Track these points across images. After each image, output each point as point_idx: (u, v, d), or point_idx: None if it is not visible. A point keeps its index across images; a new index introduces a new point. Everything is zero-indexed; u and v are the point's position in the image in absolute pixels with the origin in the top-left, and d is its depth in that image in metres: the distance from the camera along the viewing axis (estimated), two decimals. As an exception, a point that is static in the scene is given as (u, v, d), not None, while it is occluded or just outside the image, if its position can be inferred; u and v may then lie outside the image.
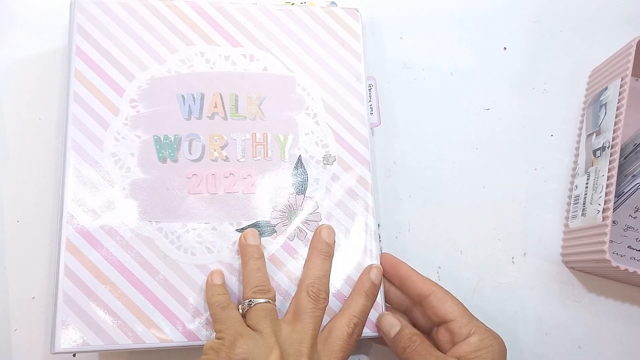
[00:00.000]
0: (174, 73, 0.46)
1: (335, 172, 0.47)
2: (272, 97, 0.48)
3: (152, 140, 0.45)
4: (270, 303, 0.40)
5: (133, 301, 0.42)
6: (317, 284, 0.42)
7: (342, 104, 0.48)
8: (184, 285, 0.43)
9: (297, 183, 0.46)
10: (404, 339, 0.42)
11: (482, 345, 0.40)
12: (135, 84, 0.46)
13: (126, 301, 0.42)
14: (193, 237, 0.44)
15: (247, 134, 0.46)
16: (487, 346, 0.40)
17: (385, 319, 0.43)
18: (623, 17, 0.57)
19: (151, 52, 0.46)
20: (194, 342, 0.42)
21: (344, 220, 0.46)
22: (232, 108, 0.47)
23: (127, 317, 0.42)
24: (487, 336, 0.41)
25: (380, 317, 0.44)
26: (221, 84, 0.47)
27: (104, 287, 0.42)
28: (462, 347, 0.41)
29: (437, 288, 0.43)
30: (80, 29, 0.46)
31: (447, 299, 0.43)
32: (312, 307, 0.41)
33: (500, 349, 0.41)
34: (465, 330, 0.41)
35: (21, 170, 0.47)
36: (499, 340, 0.41)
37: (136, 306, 0.42)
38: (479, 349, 0.40)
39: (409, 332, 0.42)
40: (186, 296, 0.43)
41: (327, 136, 0.47)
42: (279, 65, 0.48)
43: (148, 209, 0.44)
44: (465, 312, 0.42)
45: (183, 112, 0.46)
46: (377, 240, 0.46)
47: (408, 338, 0.41)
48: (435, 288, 0.43)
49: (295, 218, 0.45)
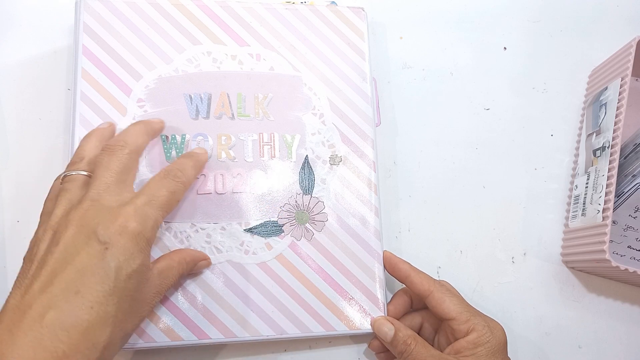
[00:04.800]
0: (181, 72, 0.46)
1: (341, 172, 0.47)
2: (279, 97, 0.48)
3: (159, 140, 0.45)
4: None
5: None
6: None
7: (348, 104, 0.48)
8: (194, 284, 0.43)
9: (304, 183, 0.46)
10: (399, 343, 0.42)
11: (480, 342, 0.41)
12: (142, 84, 0.46)
13: None
14: (202, 237, 0.44)
15: (255, 134, 0.46)
16: (484, 342, 0.41)
17: (377, 324, 0.44)
18: (623, 17, 0.57)
19: (158, 51, 0.46)
20: (204, 341, 0.42)
21: (350, 220, 0.46)
22: (240, 108, 0.47)
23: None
24: (485, 332, 0.41)
25: (374, 323, 0.44)
26: (228, 83, 0.47)
27: None
28: (460, 343, 0.41)
29: (435, 287, 0.43)
30: (86, 28, 0.46)
31: (445, 299, 0.43)
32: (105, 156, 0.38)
33: (498, 343, 0.41)
34: (464, 328, 0.42)
35: (21, 170, 0.47)
36: (496, 334, 0.42)
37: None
38: (477, 346, 0.41)
39: (403, 335, 0.42)
40: (195, 295, 0.43)
41: (334, 136, 0.48)
42: (286, 65, 0.48)
43: None
44: (465, 309, 0.42)
45: (190, 111, 0.46)
46: (381, 240, 0.46)
47: (403, 342, 0.42)
48: (434, 288, 0.43)
49: (303, 218, 0.46)
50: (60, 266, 0.33)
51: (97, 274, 0.33)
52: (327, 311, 0.44)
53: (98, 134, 0.41)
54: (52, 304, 0.32)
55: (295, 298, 0.44)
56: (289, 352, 0.46)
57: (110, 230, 0.34)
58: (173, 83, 0.46)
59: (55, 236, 0.35)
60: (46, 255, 0.34)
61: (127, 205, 0.36)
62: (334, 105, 0.48)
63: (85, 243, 0.34)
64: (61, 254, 0.33)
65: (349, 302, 0.45)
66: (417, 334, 0.43)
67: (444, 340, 0.44)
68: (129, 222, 0.35)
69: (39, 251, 0.35)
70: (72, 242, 0.34)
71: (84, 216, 0.35)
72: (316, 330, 0.44)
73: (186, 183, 0.40)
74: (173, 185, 0.39)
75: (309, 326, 0.44)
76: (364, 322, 0.45)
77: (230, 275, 0.44)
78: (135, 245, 0.34)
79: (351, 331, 0.44)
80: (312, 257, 0.45)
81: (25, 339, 0.30)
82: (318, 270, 0.45)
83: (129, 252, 0.34)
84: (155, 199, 0.37)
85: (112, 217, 0.35)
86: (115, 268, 0.33)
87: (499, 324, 0.43)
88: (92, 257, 0.33)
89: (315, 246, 0.45)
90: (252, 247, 0.44)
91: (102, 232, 0.34)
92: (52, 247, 0.34)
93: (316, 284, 0.44)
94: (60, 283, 0.32)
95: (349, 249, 0.46)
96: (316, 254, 0.45)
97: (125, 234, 0.34)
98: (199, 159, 0.43)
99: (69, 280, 0.32)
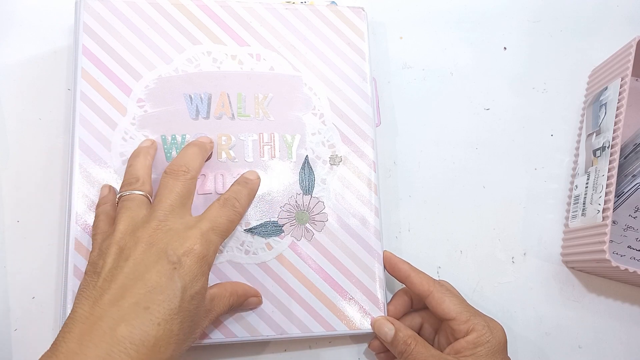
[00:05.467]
0: (181, 72, 0.46)
1: (341, 172, 0.47)
2: (279, 97, 0.47)
3: (160, 140, 0.45)
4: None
5: None
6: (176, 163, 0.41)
7: (348, 104, 0.48)
8: None
9: (304, 183, 0.46)
10: (399, 343, 0.42)
11: (480, 342, 0.41)
12: (142, 84, 0.46)
13: None
14: None
15: (255, 134, 0.46)
16: (484, 342, 0.41)
17: (378, 324, 0.44)
18: (623, 17, 0.57)
19: (158, 51, 0.46)
20: (205, 341, 0.42)
21: (350, 220, 0.46)
22: (240, 108, 0.47)
23: None
24: (485, 332, 0.41)
25: (374, 323, 0.44)
26: (228, 83, 0.47)
27: None
28: (460, 343, 0.41)
29: (435, 288, 0.43)
30: (86, 28, 0.45)
31: (445, 299, 0.42)
32: (170, 180, 0.40)
33: (498, 343, 0.41)
34: (464, 328, 0.42)
35: (21, 170, 0.47)
36: (496, 334, 0.42)
37: None
38: (477, 346, 0.41)
39: (403, 335, 0.42)
40: None
41: (334, 136, 0.48)
42: (286, 65, 0.48)
43: None
44: (464, 309, 0.42)
45: (190, 112, 0.46)
46: (381, 240, 0.47)
47: (403, 342, 0.42)
48: (433, 288, 0.43)
49: (303, 218, 0.46)
50: (130, 281, 0.34)
51: (166, 292, 0.34)
52: (327, 311, 0.44)
53: (145, 153, 0.42)
54: (123, 317, 0.32)
55: (295, 298, 0.44)
56: (289, 352, 0.46)
57: (179, 251, 0.35)
58: (173, 83, 0.46)
59: (124, 252, 0.36)
60: (114, 269, 0.35)
61: (193, 229, 0.37)
62: (334, 105, 0.48)
63: (155, 261, 0.35)
64: (131, 269, 0.35)
65: (348, 302, 0.45)
66: (417, 334, 0.43)
67: (444, 341, 0.44)
68: (195, 245, 0.36)
69: (105, 265, 0.35)
70: (141, 259, 0.35)
71: (153, 235, 0.36)
72: (316, 330, 0.44)
73: (242, 213, 0.42)
74: (232, 215, 0.40)
75: (309, 326, 0.44)
76: (363, 322, 0.45)
77: (231, 275, 0.44)
78: (199, 268, 0.36)
79: (351, 331, 0.44)
80: (312, 257, 0.45)
81: (95, 351, 0.31)
82: (318, 270, 0.45)
83: (194, 273, 0.35)
84: (217, 226, 0.38)
85: (181, 239, 0.36)
86: (182, 288, 0.34)
87: (498, 324, 0.43)
88: (161, 276, 0.34)
89: (315, 246, 0.45)
90: (253, 247, 0.44)
91: (172, 253, 0.35)
92: (121, 262, 0.35)
93: (316, 284, 0.44)
94: (131, 298, 0.33)
95: (349, 249, 0.46)
96: (316, 254, 0.45)
97: (192, 256, 0.36)
98: (253, 187, 0.44)
99: (139, 295, 0.33)
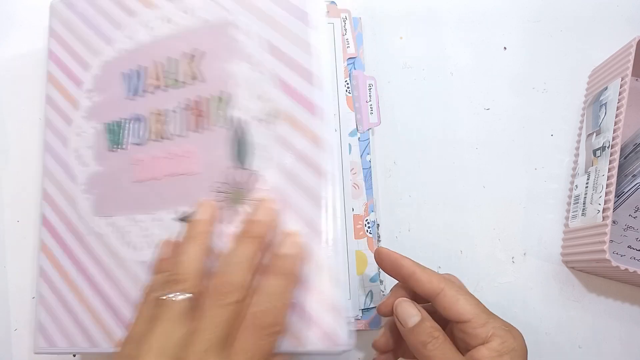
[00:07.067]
0: (123, 52, 0.43)
1: (282, 132, 0.38)
2: (211, 51, 0.41)
3: (104, 129, 0.42)
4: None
5: (92, 304, 0.41)
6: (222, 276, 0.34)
7: (292, 42, 0.39)
8: (132, 284, 0.40)
9: (236, 153, 0.39)
10: (424, 332, 0.37)
11: (505, 350, 0.36)
12: (91, 73, 0.43)
13: (87, 305, 0.41)
14: (137, 231, 0.40)
15: (185, 103, 0.41)
16: (509, 350, 0.36)
17: (403, 306, 0.39)
18: (623, 17, 0.57)
19: (100, 34, 0.43)
20: None
21: (296, 196, 0.36)
22: (171, 73, 0.42)
23: (86, 320, 0.40)
24: (508, 338, 0.37)
25: (398, 303, 0.39)
26: (159, 50, 0.42)
27: (72, 292, 0.41)
28: (481, 351, 0.37)
29: (447, 285, 0.39)
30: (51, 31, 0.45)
31: (459, 297, 0.38)
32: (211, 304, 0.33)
33: (521, 350, 0.37)
34: (482, 333, 0.37)
35: (21, 170, 0.47)
36: (519, 340, 0.38)
37: (94, 309, 0.41)
38: (501, 354, 0.36)
39: (431, 326, 0.38)
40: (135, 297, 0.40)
41: (273, 87, 0.39)
42: (220, 11, 0.41)
43: (102, 203, 0.42)
44: (481, 311, 0.38)
45: (126, 91, 0.42)
46: (340, 218, 0.36)
47: (429, 333, 0.37)
48: (445, 285, 0.38)
49: (237, 199, 0.38)
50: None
51: None
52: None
53: (202, 240, 0.37)
54: None
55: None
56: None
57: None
58: (114, 65, 0.43)
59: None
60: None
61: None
62: (275, 48, 0.39)
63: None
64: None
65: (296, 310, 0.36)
66: None
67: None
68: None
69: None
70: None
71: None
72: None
73: (282, 332, 0.34)
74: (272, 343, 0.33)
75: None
76: (316, 339, 0.35)
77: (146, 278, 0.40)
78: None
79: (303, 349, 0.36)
80: None
81: None
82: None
83: None
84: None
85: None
86: None
87: (516, 328, 0.38)
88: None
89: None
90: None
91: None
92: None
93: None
94: None
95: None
96: None
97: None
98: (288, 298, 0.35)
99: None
